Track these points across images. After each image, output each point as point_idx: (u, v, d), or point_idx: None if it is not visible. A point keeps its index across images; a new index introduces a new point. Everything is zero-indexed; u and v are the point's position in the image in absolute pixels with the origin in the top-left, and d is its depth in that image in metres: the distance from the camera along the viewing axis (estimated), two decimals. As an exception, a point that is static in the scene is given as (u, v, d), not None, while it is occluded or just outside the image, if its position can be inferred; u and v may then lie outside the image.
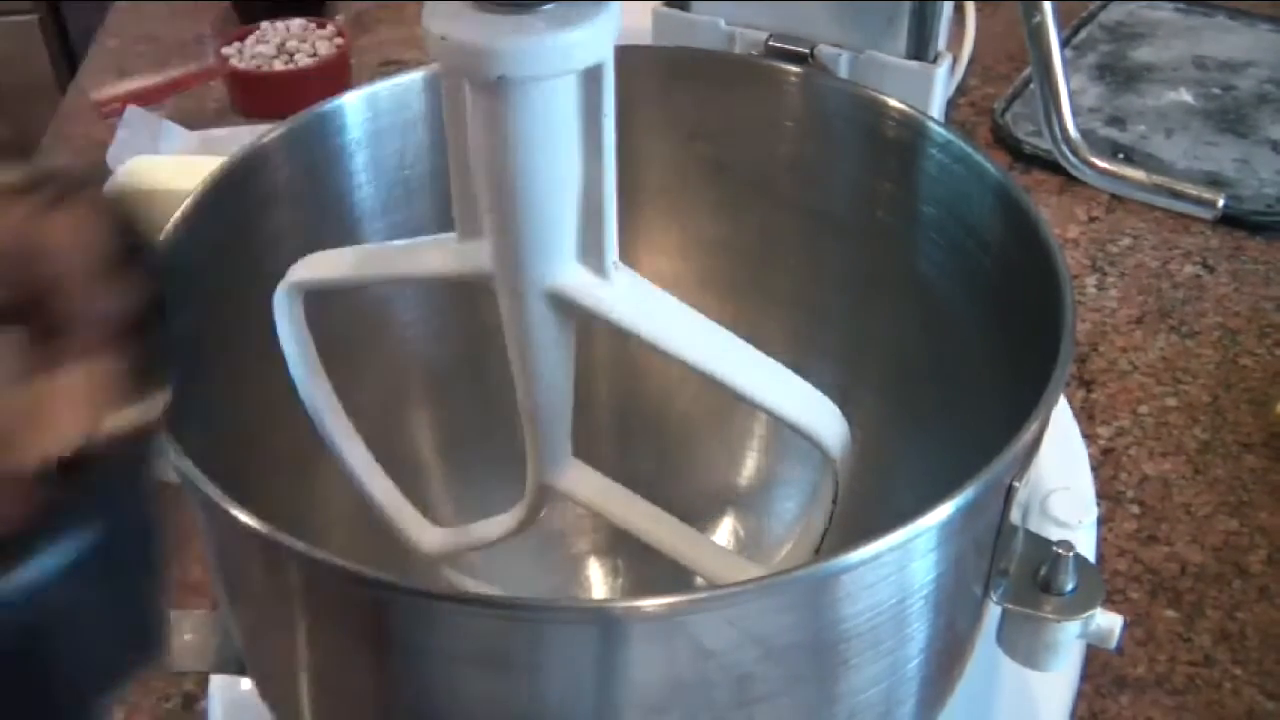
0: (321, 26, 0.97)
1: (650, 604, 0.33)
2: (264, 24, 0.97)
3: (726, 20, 0.60)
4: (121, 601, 0.28)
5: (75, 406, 0.25)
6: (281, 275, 0.43)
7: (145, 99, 0.93)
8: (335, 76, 0.93)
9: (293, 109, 0.49)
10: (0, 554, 0.24)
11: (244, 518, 0.35)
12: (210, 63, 0.98)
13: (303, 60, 0.94)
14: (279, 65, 0.94)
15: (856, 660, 0.37)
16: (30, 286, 0.26)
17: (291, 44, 0.95)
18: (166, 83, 0.97)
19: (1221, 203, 0.53)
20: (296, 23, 0.97)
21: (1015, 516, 0.39)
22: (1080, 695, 0.56)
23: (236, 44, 0.95)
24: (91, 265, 0.27)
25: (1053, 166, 0.83)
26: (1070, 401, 0.70)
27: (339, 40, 0.96)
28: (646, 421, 0.61)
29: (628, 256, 0.39)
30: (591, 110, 0.35)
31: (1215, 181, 0.85)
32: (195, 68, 0.98)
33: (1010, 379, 0.43)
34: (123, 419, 0.26)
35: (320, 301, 0.44)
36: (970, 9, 0.98)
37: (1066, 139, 0.53)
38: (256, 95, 0.94)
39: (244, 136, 0.86)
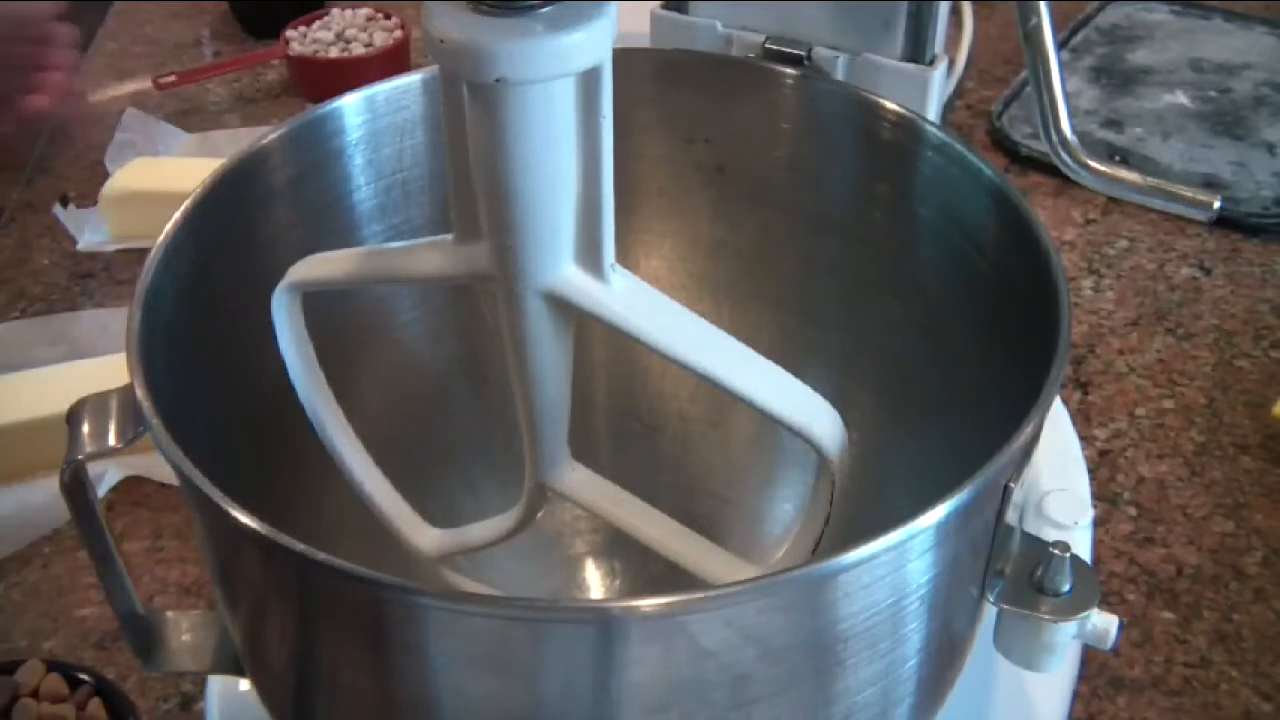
0: (386, 17, 0.99)
1: (648, 604, 0.33)
2: (333, 10, 0.99)
3: (723, 23, 0.60)
4: None
5: None
6: (280, 276, 0.43)
7: (195, 77, 0.97)
8: (393, 66, 0.94)
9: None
10: None
11: (243, 518, 0.35)
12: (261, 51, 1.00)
13: (357, 49, 0.96)
14: (334, 52, 0.96)
15: (853, 660, 0.37)
16: None
17: (350, 32, 0.97)
18: (218, 64, 0.99)
19: (1217, 205, 0.54)
20: (362, 11, 0.99)
21: (1011, 517, 0.39)
22: (1077, 696, 0.56)
23: (301, 28, 0.97)
24: None
25: (1049, 169, 0.83)
26: (1067, 403, 0.70)
27: (398, 33, 0.97)
28: (644, 422, 0.61)
29: (625, 258, 0.39)
30: (589, 112, 0.35)
31: (1211, 184, 0.85)
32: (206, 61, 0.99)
33: (1006, 380, 0.43)
34: None
35: (319, 302, 0.44)
36: (967, 11, 0.98)
37: (1063, 141, 0.53)
38: (310, 79, 0.96)
39: (243, 138, 0.87)
